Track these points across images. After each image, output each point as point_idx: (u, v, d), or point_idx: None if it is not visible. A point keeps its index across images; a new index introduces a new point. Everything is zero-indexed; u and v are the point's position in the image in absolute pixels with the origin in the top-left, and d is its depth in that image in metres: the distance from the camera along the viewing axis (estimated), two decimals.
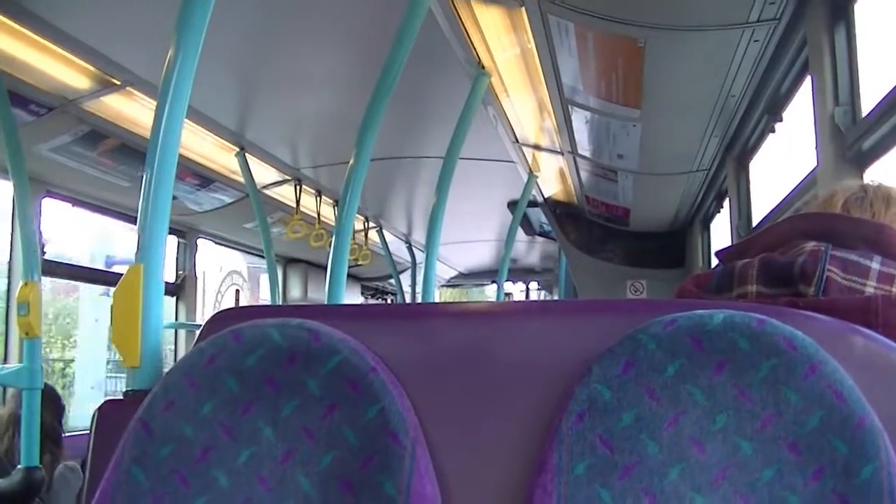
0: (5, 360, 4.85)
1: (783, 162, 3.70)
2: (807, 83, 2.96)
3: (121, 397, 1.64)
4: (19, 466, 3.57)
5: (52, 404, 4.21)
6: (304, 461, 1.31)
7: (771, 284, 1.56)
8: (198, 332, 1.53)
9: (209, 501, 1.31)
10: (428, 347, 1.43)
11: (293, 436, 1.32)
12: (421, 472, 1.28)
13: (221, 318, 1.48)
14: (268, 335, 1.35)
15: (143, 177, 1.74)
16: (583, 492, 1.24)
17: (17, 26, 3.44)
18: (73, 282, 8.58)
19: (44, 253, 4.37)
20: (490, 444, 1.36)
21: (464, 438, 1.37)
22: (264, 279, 7.77)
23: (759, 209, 4.10)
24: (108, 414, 1.52)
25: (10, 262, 5.08)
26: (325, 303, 3.34)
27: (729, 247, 1.86)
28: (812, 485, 1.20)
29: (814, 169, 2.83)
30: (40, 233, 4.68)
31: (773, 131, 3.58)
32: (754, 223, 4.14)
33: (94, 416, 1.52)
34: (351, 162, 3.08)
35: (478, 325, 1.46)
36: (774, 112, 3.49)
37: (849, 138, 2.51)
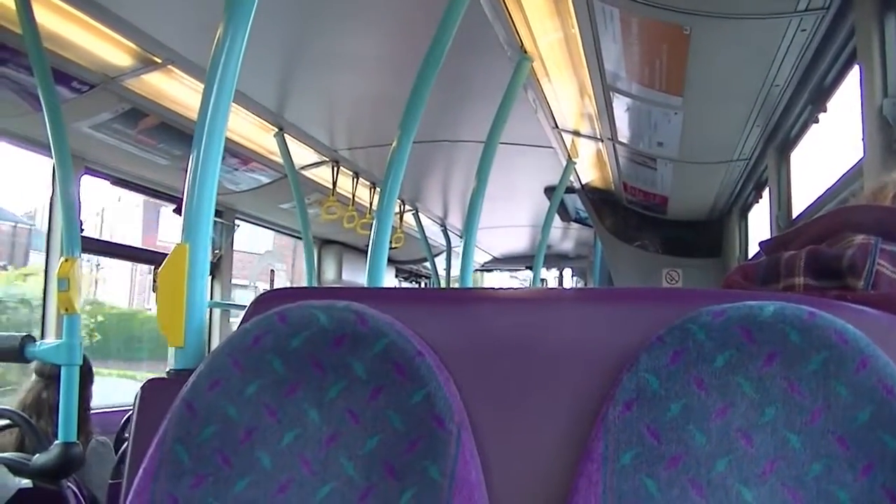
0: (42, 336, 4.89)
1: (826, 153, 3.66)
2: (853, 74, 2.93)
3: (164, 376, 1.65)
4: (56, 441, 3.59)
5: (86, 377, 4.25)
6: (349, 444, 1.31)
7: (819, 277, 1.55)
8: (241, 312, 1.54)
9: (252, 482, 1.31)
10: (473, 332, 1.43)
11: (338, 418, 1.32)
12: (466, 458, 1.28)
13: (267, 299, 1.49)
14: (314, 317, 1.35)
15: (180, 155, 1.75)
16: (628, 481, 1.23)
17: (61, 3, 3.45)
18: None
19: (82, 230, 4.38)
20: (535, 430, 1.36)
21: (509, 424, 1.37)
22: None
23: (800, 201, 4.07)
24: (151, 392, 1.53)
25: (48, 239, 5.12)
26: (364, 285, 3.34)
27: (772, 238, 1.84)
28: (861, 480, 1.19)
29: (859, 161, 2.79)
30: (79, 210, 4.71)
31: (817, 122, 3.54)
32: (794, 215, 4.11)
33: (137, 394, 1.53)
34: (394, 145, 3.08)
35: (523, 311, 1.46)
36: (818, 103, 3.45)
37: None
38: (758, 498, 1.21)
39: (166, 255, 1.73)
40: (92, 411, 4.28)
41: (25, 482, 3.44)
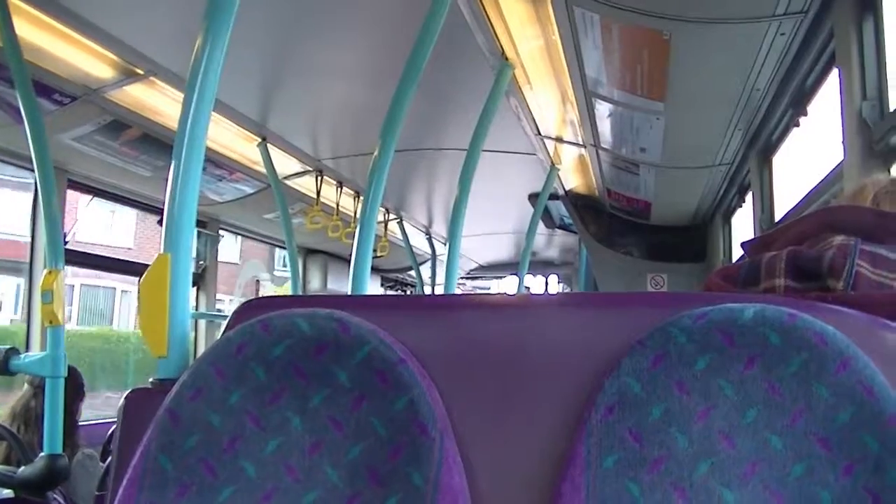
0: (27, 349, 4.87)
1: (807, 156, 3.68)
2: (832, 77, 2.94)
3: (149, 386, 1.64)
4: (42, 454, 3.58)
5: (75, 392, 4.23)
6: (332, 452, 1.31)
7: (799, 278, 1.55)
8: (223, 322, 1.54)
9: (236, 491, 1.31)
10: (456, 339, 1.43)
11: (321, 426, 1.32)
12: (449, 464, 1.28)
13: (249, 308, 1.49)
14: (296, 325, 1.35)
15: (163, 166, 1.75)
16: (611, 485, 1.23)
17: (42, 16, 3.46)
18: None
19: (66, 242, 4.37)
20: (518, 435, 1.36)
21: (492, 430, 1.37)
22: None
23: (782, 204, 4.08)
24: (135, 402, 1.52)
25: (31, 251, 5.10)
26: (348, 293, 3.34)
27: (754, 238, 1.85)
28: (843, 480, 1.19)
29: (839, 164, 2.81)
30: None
31: (798, 125, 3.56)
32: (777, 218, 4.12)
33: (121, 404, 1.52)
34: (375, 153, 3.08)
35: (506, 317, 1.46)
36: (799, 106, 3.47)
37: (876, 133, 2.50)
38: (740, 500, 1.21)
39: (148, 266, 1.73)
40: (86, 422, 4.27)
41: (8, 493, 3.43)
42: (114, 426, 4.80)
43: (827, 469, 1.20)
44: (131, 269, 6.95)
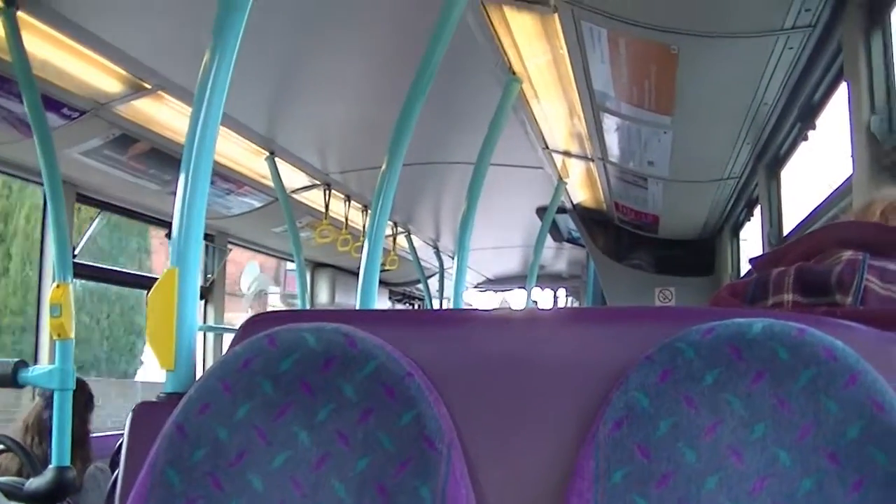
0: (35, 362, 4.88)
1: (815, 170, 3.67)
2: (841, 91, 2.94)
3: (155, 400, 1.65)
4: (51, 466, 3.59)
5: (85, 404, 4.24)
6: (339, 466, 1.31)
7: (807, 293, 1.55)
8: (230, 336, 1.54)
9: None
10: (463, 353, 1.43)
11: (328, 440, 1.32)
12: (456, 478, 1.28)
13: (256, 322, 1.48)
14: (303, 339, 1.35)
15: (171, 180, 1.75)
16: (619, 500, 1.23)
17: (50, 30, 3.46)
18: None
19: (74, 256, 4.38)
20: (525, 450, 1.36)
21: (499, 444, 1.37)
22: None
23: (791, 218, 4.08)
24: (143, 416, 1.52)
25: (41, 265, 5.12)
26: (356, 307, 3.34)
27: (762, 255, 1.84)
28: (852, 496, 1.19)
29: (848, 178, 2.80)
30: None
31: (806, 139, 3.56)
32: (786, 231, 4.12)
33: (128, 417, 1.52)
34: (383, 167, 3.08)
35: (513, 332, 1.46)
36: (807, 120, 3.47)
37: (885, 147, 2.49)
38: None
39: (157, 279, 1.74)
40: (98, 434, 4.27)
41: None
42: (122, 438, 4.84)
43: (836, 484, 1.20)
44: (139, 282, 6.96)
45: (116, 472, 3.85)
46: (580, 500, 1.25)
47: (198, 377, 1.51)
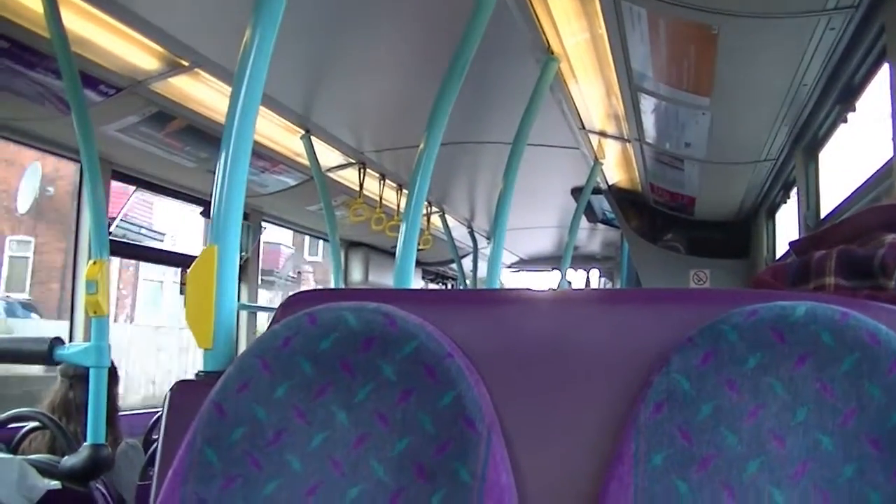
0: (71, 339, 4.92)
1: (855, 153, 3.64)
2: (882, 73, 2.91)
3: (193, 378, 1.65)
4: (85, 444, 3.61)
5: (111, 380, 4.27)
6: (378, 446, 1.31)
7: (850, 277, 1.54)
8: (269, 315, 1.54)
9: (281, 485, 1.31)
10: (503, 334, 1.43)
11: (367, 421, 1.32)
12: (496, 459, 1.28)
13: (296, 301, 1.49)
14: (343, 319, 1.35)
15: (207, 158, 1.75)
16: (660, 483, 1.23)
17: (89, 7, 3.47)
18: None
19: (110, 233, 4.40)
20: (565, 432, 1.36)
21: (539, 426, 1.36)
22: None
23: (828, 201, 4.04)
24: (181, 394, 1.53)
25: (76, 242, 5.15)
26: (391, 286, 3.34)
27: (803, 238, 1.83)
28: (894, 482, 1.18)
29: (889, 160, 2.77)
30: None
31: (846, 121, 3.52)
32: (823, 215, 4.08)
33: (166, 396, 1.53)
34: (421, 147, 3.08)
35: (552, 313, 1.46)
36: (847, 102, 3.43)
37: None
38: (790, 500, 1.20)
39: (194, 258, 1.74)
40: (127, 412, 4.30)
41: (55, 484, 3.45)
42: (155, 416, 4.87)
43: (878, 470, 1.19)
44: (175, 259, 6.98)
45: (152, 448, 3.87)
46: (620, 484, 1.25)
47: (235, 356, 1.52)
